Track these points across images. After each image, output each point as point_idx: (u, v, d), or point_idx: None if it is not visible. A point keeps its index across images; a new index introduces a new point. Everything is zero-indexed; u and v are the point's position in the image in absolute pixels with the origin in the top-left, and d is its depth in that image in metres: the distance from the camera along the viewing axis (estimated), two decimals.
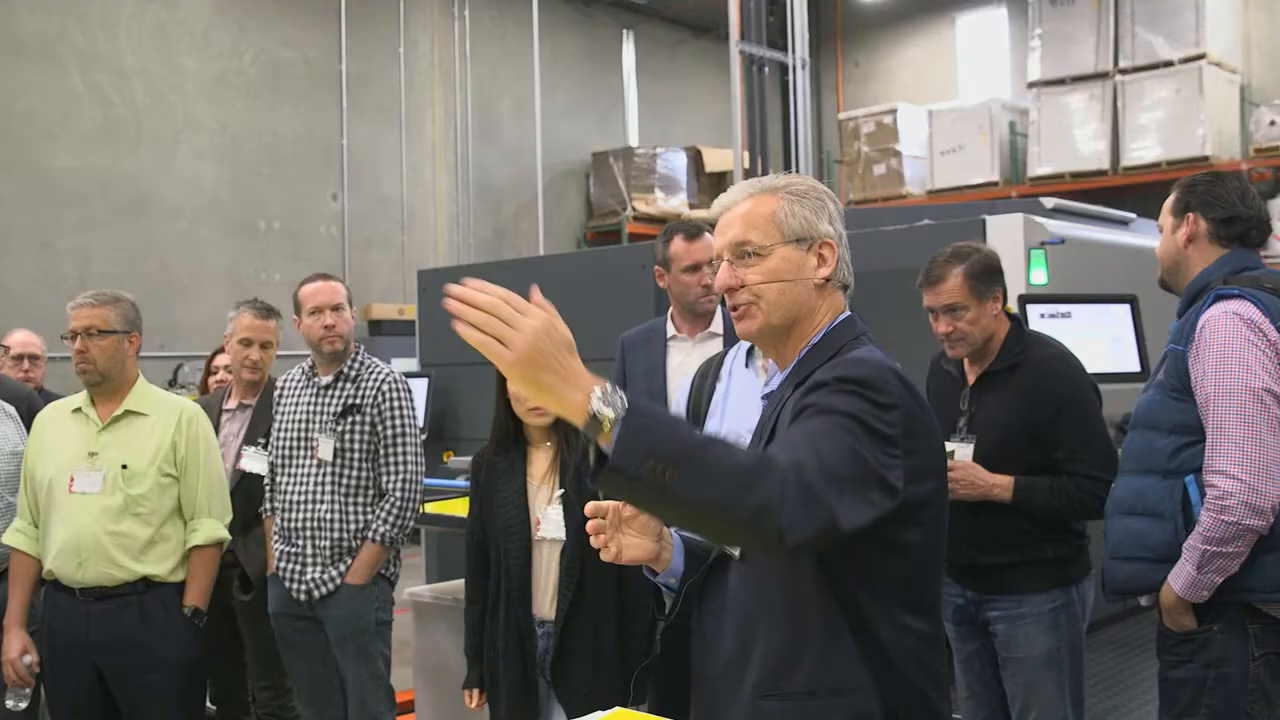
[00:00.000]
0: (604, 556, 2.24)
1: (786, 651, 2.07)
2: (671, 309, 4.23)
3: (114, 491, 3.92)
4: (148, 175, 11.87)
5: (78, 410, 4.07)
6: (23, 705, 4.07)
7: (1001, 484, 3.60)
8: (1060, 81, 13.87)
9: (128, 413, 4.03)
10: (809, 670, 2.05)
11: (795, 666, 2.06)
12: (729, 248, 2.19)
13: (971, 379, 3.77)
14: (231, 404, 4.87)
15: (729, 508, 1.79)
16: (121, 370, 4.04)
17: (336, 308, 4.31)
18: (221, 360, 5.35)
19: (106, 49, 11.67)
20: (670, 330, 4.19)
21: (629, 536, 2.25)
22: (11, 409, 4.37)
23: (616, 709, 1.76)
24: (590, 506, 2.23)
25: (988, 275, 3.66)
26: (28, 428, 4.20)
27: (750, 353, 3.28)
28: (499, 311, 1.75)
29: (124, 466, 3.95)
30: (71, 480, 3.94)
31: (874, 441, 1.95)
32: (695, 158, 15.43)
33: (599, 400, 1.75)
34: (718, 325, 4.10)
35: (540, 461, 3.66)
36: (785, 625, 2.08)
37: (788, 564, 2.07)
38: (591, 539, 2.23)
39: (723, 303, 3.80)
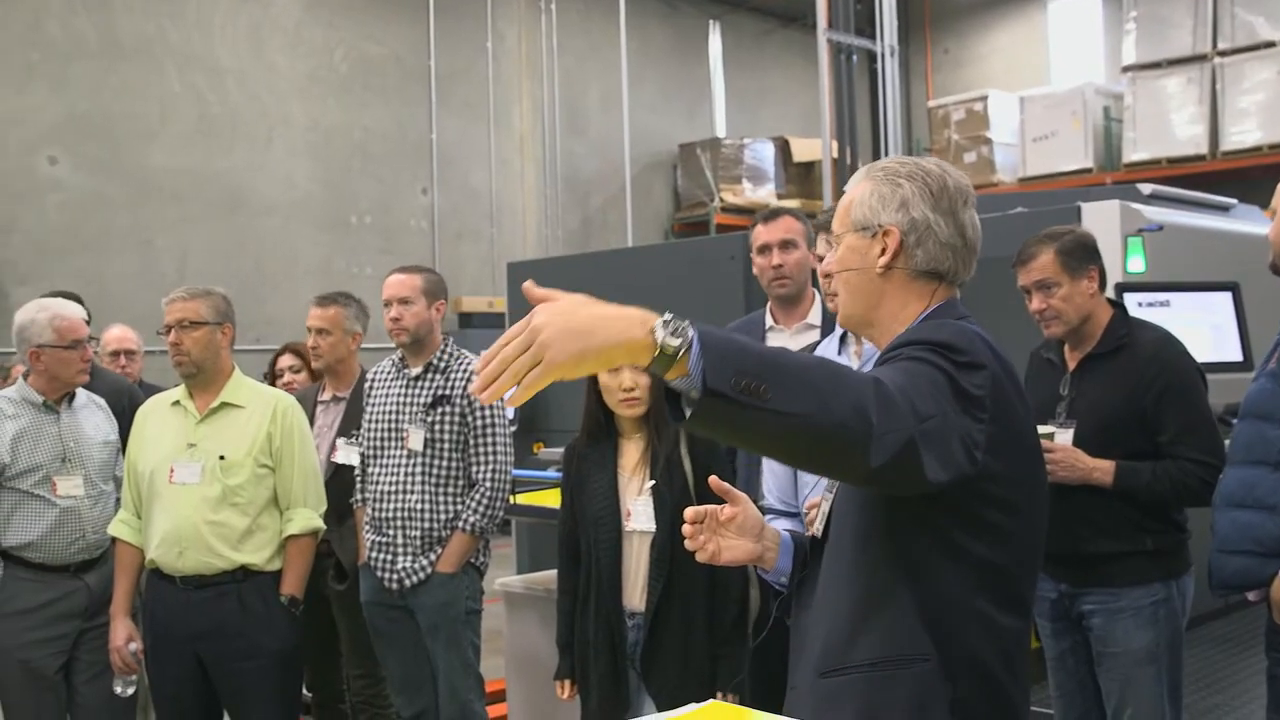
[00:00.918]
0: (700, 558, 2.22)
1: (849, 626, 2.02)
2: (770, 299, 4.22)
3: (212, 482, 4.00)
4: (242, 172, 12.09)
5: (176, 403, 4.16)
6: (130, 691, 4.17)
7: (1102, 467, 3.52)
8: (1156, 65, 13.57)
9: (224, 405, 4.11)
10: (872, 643, 1.99)
11: (857, 641, 2.00)
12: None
13: (1072, 364, 3.70)
14: (325, 396, 4.94)
15: (821, 416, 1.69)
16: (216, 361, 4.12)
17: (403, 301, 4.34)
18: (285, 362, 5.44)
19: (202, 49, 11.89)
20: (769, 321, 4.15)
21: (727, 538, 2.23)
22: (101, 400, 4.48)
23: (711, 702, 1.74)
24: (689, 512, 2.21)
25: (1080, 252, 3.60)
26: (130, 420, 4.30)
27: (843, 340, 3.25)
28: (508, 356, 1.67)
29: (221, 457, 4.03)
30: (171, 471, 4.03)
31: (959, 397, 1.87)
32: (783, 148, 15.34)
33: (664, 332, 1.66)
34: (815, 317, 4.05)
35: (631, 453, 3.66)
36: (851, 603, 2.03)
37: (863, 539, 2.02)
38: (687, 542, 2.21)
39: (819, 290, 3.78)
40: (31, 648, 4.15)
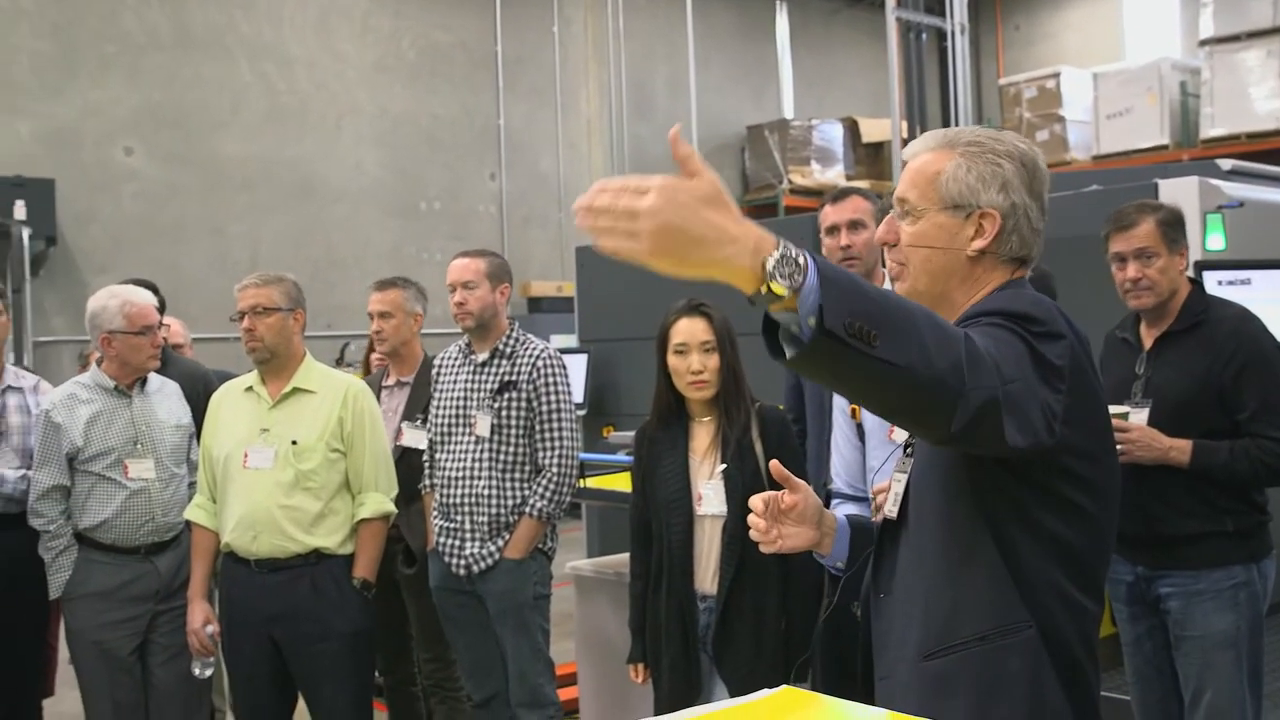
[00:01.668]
0: (765, 549, 2.20)
1: (947, 603, 1.98)
2: None
3: (285, 467, 4.05)
4: (312, 160, 12.20)
5: (249, 389, 4.21)
6: (208, 673, 4.24)
7: (1180, 446, 3.46)
8: (1235, 38, 13.27)
9: (296, 390, 4.15)
10: (975, 616, 1.95)
11: (959, 617, 1.97)
12: (894, 200, 2.08)
13: (1148, 343, 3.64)
14: (390, 381, 4.97)
15: (922, 368, 1.63)
16: (288, 347, 4.16)
17: (467, 285, 4.34)
18: None
19: (272, 39, 12.01)
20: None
21: (788, 526, 2.20)
22: (175, 385, 4.53)
23: (783, 687, 1.71)
24: (755, 502, 2.19)
25: (1177, 227, 3.55)
26: (205, 406, 4.35)
27: None
28: (617, 205, 1.57)
29: (294, 442, 4.07)
30: (245, 456, 4.08)
31: (1039, 366, 1.82)
32: (852, 128, 15.20)
33: (776, 270, 1.57)
34: None
35: (702, 436, 3.65)
36: (945, 579, 1.99)
37: (946, 516, 1.99)
38: (753, 533, 2.19)
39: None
40: (105, 630, 4.22)
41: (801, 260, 1.59)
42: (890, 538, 2.13)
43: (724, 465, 3.56)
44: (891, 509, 2.13)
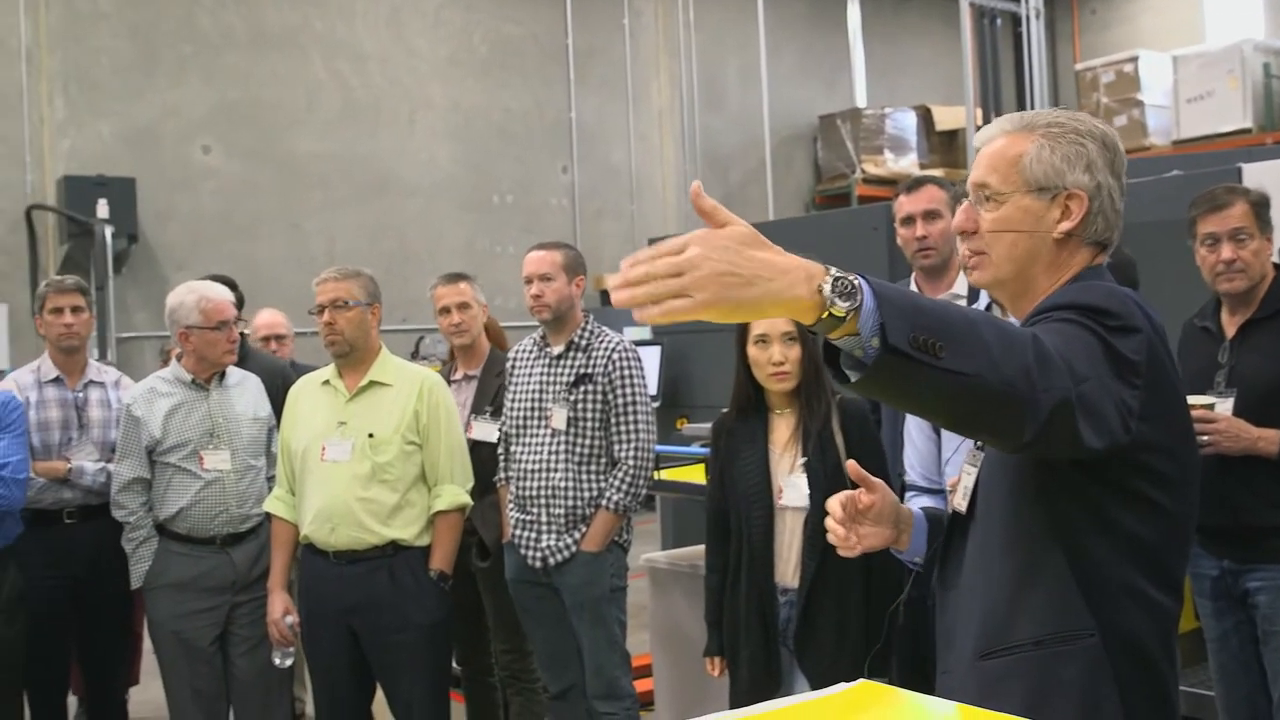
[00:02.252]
0: (844, 553, 2.16)
1: (1007, 604, 1.94)
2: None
3: (362, 459, 4.09)
4: (386, 155, 12.31)
5: (326, 383, 4.26)
6: (288, 663, 4.30)
7: (1268, 437, 3.38)
8: None
9: (372, 383, 4.19)
10: (1034, 620, 1.91)
11: (1017, 619, 1.92)
12: (971, 187, 2.04)
13: (1231, 331, 3.56)
14: (458, 375, 4.98)
15: (991, 375, 1.61)
16: (366, 341, 4.20)
17: (544, 277, 4.33)
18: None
19: (345, 36, 12.13)
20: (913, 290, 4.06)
21: (865, 526, 2.17)
22: (256, 379, 4.59)
23: (860, 681, 1.70)
24: (834, 505, 2.15)
25: (1267, 210, 3.48)
26: (284, 400, 4.41)
27: (988, 310, 3.17)
28: (656, 271, 1.53)
29: (370, 435, 4.11)
30: (323, 449, 4.13)
31: (1113, 362, 1.77)
32: (925, 117, 15.05)
33: (833, 293, 1.56)
34: (961, 286, 3.95)
35: (782, 428, 3.62)
36: (1008, 579, 1.95)
37: (1013, 513, 1.95)
38: (830, 536, 2.15)
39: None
40: (184, 620, 4.29)
41: (855, 281, 1.58)
42: (959, 532, 2.10)
43: (805, 458, 3.53)
44: (961, 503, 2.10)
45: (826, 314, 1.56)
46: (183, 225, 11.17)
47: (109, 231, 10.16)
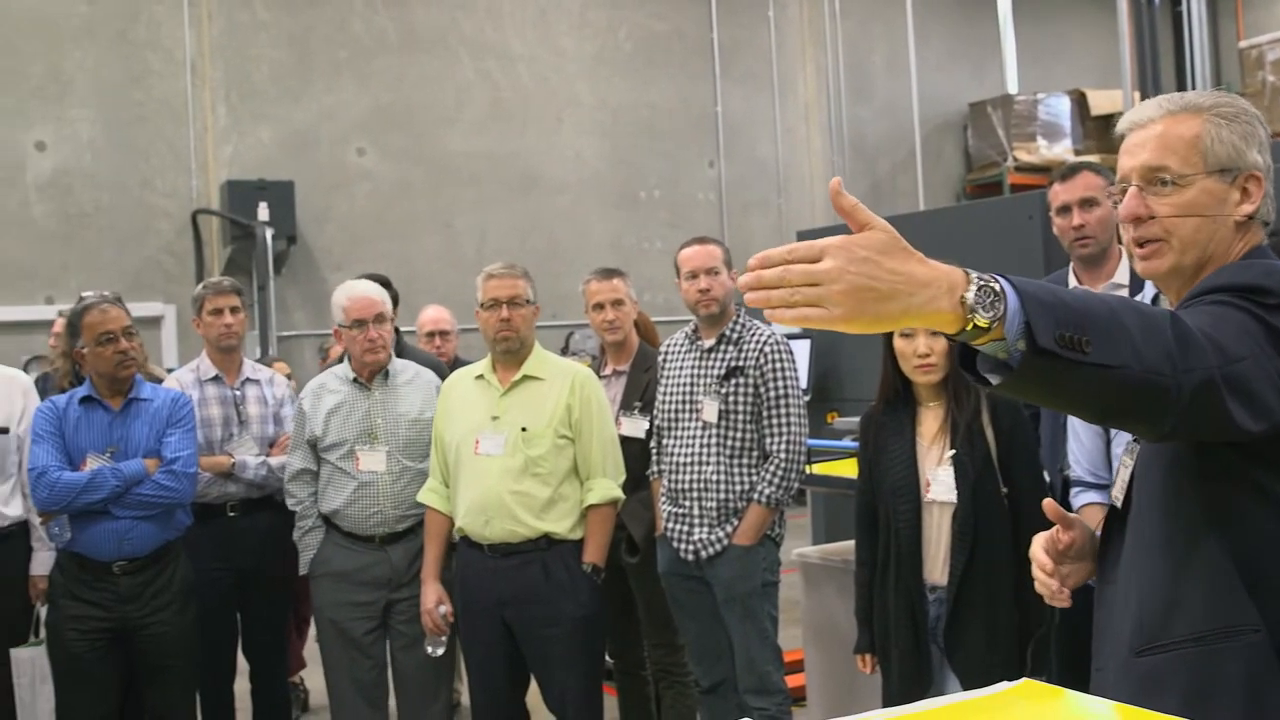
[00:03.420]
0: (1054, 602, 2.09)
1: (1165, 598, 1.87)
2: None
3: (515, 453, 4.13)
4: (534, 154, 12.45)
5: (480, 377, 4.31)
6: (440, 652, 4.38)
7: None
8: None
9: (526, 378, 4.24)
10: (1194, 615, 1.83)
11: (1176, 614, 1.85)
12: (1139, 172, 1.94)
13: None
14: (607, 371, 4.99)
15: (1135, 364, 1.57)
16: (531, 337, 4.25)
17: (712, 271, 4.32)
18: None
19: (494, 37, 12.30)
20: (1072, 282, 3.94)
21: (1065, 565, 2.09)
22: (430, 377, 4.65)
23: (1024, 680, 1.66)
24: (1036, 554, 2.08)
25: None
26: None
27: (1154, 302, 3.07)
28: (789, 276, 1.49)
29: (523, 429, 4.15)
30: (477, 443, 4.18)
31: (1272, 340, 1.70)
32: (1079, 101, 14.66)
33: (977, 304, 1.52)
34: (1122, 275, 3.83)
35: (930, 421, 3.56)
36: (1165, 573, 1.88)
37: (1171, 504, 1.88)
38: (1038, 585, 2.09)
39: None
40: (342, 609, 4.42)
41: (997, 286, 1.55)
42: (1117, 525, 2.03)
43: (953, 451, 3.47)
44: (1118, 495, 2.04)
45: (970, 325, 1.53)
46: (339, 226, 11.46)
47: (269, 234, 10.48)
